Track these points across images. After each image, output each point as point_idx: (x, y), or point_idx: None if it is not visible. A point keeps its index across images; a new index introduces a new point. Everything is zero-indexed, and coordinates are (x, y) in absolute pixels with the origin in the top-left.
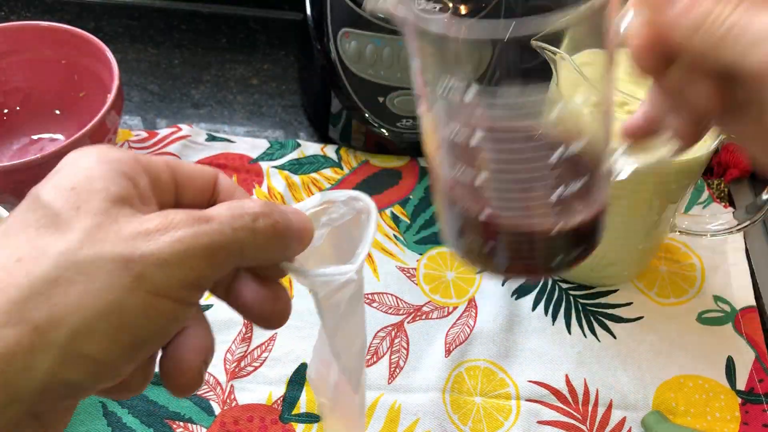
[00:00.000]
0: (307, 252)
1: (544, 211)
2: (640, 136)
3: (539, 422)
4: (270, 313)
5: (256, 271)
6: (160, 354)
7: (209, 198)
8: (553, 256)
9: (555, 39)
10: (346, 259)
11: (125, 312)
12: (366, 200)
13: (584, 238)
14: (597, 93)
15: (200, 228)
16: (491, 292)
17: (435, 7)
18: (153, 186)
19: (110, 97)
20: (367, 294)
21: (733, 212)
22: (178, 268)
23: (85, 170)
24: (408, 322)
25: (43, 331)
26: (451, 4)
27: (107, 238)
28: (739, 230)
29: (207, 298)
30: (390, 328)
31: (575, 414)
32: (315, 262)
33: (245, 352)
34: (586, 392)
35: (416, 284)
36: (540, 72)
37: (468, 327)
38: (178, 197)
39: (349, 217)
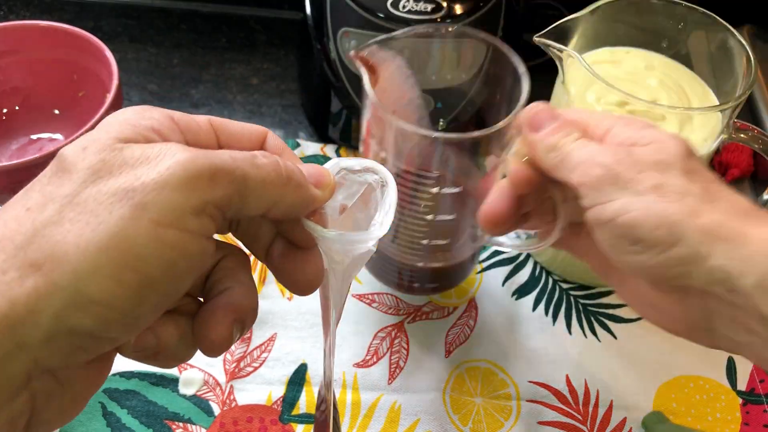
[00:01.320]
0: (329, 223)
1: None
2: (498, 227)
3: (540, 423)
4: (298, 277)
5: (288, 236)
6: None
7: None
8: (414, 281)
9: (562, 36)
10: (365, 229)
11: (128, 245)
12: (382, 172)
13: (440, 279)
14: (614, 92)
15: (199, 152)
16: (491, 292)
17: (427, 8)
18: (189, 142)
19: (109, 97)
20: (367, 294)
21: None
22: (178, 191)
23: (107, 124)
24: (408, 323)
25: (45, 271)
26: (444, 4)
27: (111, 171)
28: None
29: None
30: (390, 329)
31: (576, 414)
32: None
33: (245, 352)
34: (587, 393)
35: None
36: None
37: (468, 327)
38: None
39: (363, 188)
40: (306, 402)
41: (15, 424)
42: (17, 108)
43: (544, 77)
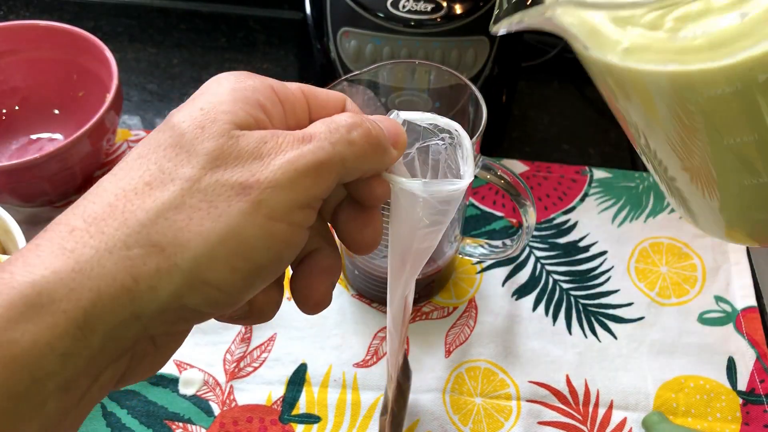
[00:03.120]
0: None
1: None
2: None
3: (540, 423)
4: (358, 236)
5: (355, 194)
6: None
7: None
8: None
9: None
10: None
11: (244, 237)
12: (449, 125)
13: (421, 289)
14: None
15: (305, 148)
16: (491, 292)
17: (427, 7)
18: (287, 113)
19: (109, 97)
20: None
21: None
22: (290, 190)
23: (216, 95)
24: (408, 323)
25: (169, 254)
26: (444, 3)
27: (227, 161)
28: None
29: None
30: None
31: (576, 415)
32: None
33: (245, 352)
34: (587, 393)
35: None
36: None
37: (468, 327)
38: (310, 116)
39: (436, 143)
40: (306, 402)
41: (113, 379)
42: (17, 108)
43: (544, 77)
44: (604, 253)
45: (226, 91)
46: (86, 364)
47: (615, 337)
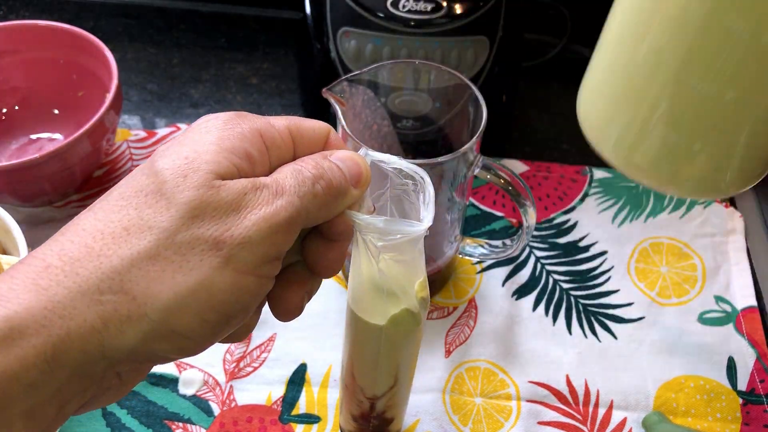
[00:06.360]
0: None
1: None
2: None
3: (540, 423)
4: (320, 262)
5: (321, 231)
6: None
7: (321, 149)
8: None
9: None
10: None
11: (214, 291)
12: (415, 171)
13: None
14: None
15: (278, 203)
16: (491, 292)
17: (427, 7)
18: (272, 156)
19: (109, 97)
20: None
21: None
22: (261, 246)
23: (202, 143)
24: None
25: (140, 303)
26: (444, 3)
27: (206, 213)
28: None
29: None
30: None
31: (576, 415)
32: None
33: (244, 352)
34: (587, 393)
35: None
36: None
37: (468, 327)
38: (294, 153)
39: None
40: (306, 402)
41: (76, 407)
42: (17, 108)
43: (544, 77)
44: (604, 253)
45: (212, 140)
46: (52, 395)
47: (615, 337)
